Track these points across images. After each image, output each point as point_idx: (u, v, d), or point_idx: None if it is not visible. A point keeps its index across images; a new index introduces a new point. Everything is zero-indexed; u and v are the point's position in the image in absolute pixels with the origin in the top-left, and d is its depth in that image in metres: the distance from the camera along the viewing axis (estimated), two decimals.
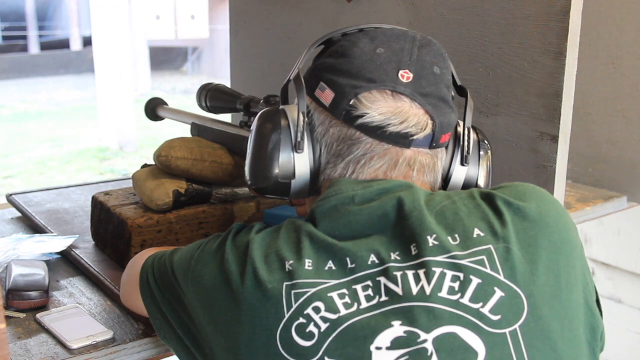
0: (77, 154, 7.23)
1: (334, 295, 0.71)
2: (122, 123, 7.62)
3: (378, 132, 0.79)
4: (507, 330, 0.68)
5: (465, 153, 0.88)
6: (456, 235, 0.73)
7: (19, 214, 1.48)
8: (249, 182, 0.87)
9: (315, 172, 0.84)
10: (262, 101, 1.18)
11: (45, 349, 0.93)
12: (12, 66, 11.04)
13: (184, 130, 1.38)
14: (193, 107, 1.42)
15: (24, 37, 11.81)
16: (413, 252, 0.72)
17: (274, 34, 1.71)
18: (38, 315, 1.00)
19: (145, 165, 1.27)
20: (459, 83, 0.90)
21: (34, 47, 11.95)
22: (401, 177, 0.81)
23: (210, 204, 1.22)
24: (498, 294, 0.69)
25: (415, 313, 0.68)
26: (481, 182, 0.90)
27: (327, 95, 0.82)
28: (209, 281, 0.77)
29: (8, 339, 0.86)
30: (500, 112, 1.18)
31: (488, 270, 0.70)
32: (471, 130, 0.90)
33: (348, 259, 0.73)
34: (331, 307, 0.70)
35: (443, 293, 0.69)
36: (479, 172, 0.90)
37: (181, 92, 10.34)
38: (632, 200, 1.68)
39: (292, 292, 0.71)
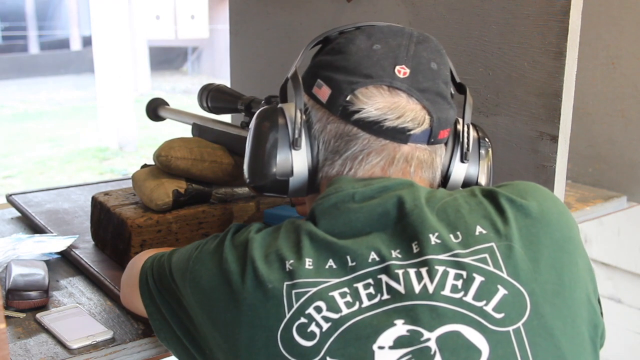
0: (77, 154, 7.23)
1: (335, 294, 0.70)
2: (122, 123, 7.62)
3: (375, 128, 0.79)
4: (510, 329, 0.68)
5: (465, 150, 0.87)
6: (458, 233, 0.73)
7: (19, 214, 1.48)
8: (248, 180, 0.87)
9: (314, 170, 0.84)
10: (263, 102, 1.18)
11: (45, 349, 0.93)
12: (12, 66, 11.03)
13: (184, 131, 1.38)
14: (193, 107, 1.42)
15: (24, 37, 11.81)
16: (415, 250, 0.72)
17: (274, 34, 1.71)
18: (38, 315, 1.00)
19: (145, 166, 1.27)
20: (457, 80, 0.89)
21: (34, 47, 11.95)
22: (399, 174, 0.81)
23: (210, 204, 1.22)
24: (501, 292, 0.69)
25: (419, 312, 0.68)
26: (482, 180, 0.90)
27: (324, 92, 0.82)
28: (208, 282, 0.76)
29: (8, 339, 0.86)
30: (500, 112, 1.18)
31: (491, 268, 0.70)
32: (471, 128, 0.89)
33: (348, 257, 0.72)
34: (333, 307, 0.69)
35: (446, 291, 0.69)
36: (479, 170, 0.90)
37: (181, 92, 10.34)
38: (632, 200, 1.68)
39: (293, 292, 0.70)
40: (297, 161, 0.83)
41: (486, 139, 0.92)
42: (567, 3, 1.05)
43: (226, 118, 1.50)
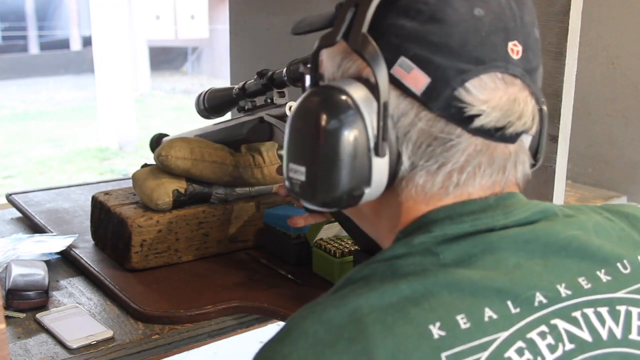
0: (77, 154, 7.23)
1: (512, 354, 0.53)
2: (122, 123, 7.63)
3: (496, 135, 0.60)
4: None
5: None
6: (625, 262, 0.61)
7: (19, 214, 1.48)
8: (313, 199, 0.63)
9: (392, 175, 0.62)
10: (255, 77, 1.17)
11: (45, 349, 0.93)
12: (12, 66, 11.03)
13: (184, 131, 1.38)
14: (193, 107, 1.41)
15: (24, 37, 11.81)
16: (585, 287, 0.58)
17: (274, 34, 1.71)
18: (38, 315, 1.00)
19: (145, 165, 1.27)
20: None
21: (34, 47, 11.95)
22: (509, 183, 0.64)
23: (210, 203, 1.22)
24: None
25: None
26: (540, 153, 0.72)
27: (416, 79, 0.59)
28: None
29: (8, 339, 0.86)
30: None
31: None
32: None
33: (510, 302, 0.55)
34: None
35: (634, 335, 0.58)
36: (540, 140, 0.71)
37: (181, 92, 10.34)
38: (632, 200, 1.68)
39: None
40: (377, 169, 0.61)
41: (545, 106, 0.73)
42: (567, 3, 1.05)
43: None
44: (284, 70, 1.10)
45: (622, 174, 1.69)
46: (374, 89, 0.60)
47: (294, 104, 1.14)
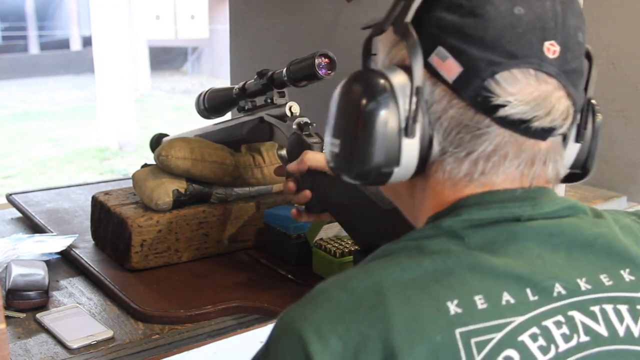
0: (77, 154, 7.24)
1: (525, 338, 0.55)
2: (122, 123, 7.63)
3: (521, 127, 0.62)
4: None
5: (582, 129, 0.70)
6: None
7: (19, 214, 1.48)
8: (345, 171, 0.67)
9: (423, 158, 0.65)
10: (255, 77, 1.18)
11: (45, 349, 0.93)
12: (12, 66, 11.04)
13: (184, 131, 1.38)
14: (193, 107, 1.42)
15: (24, 37, 11.81)
16: (606, 283, 0.60)
17: (274, 34, 1.71)
18: (38, 315, 1.00)
19: (145, 165, 1.27)
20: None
21: (34, 47, 11.96)
22: (538, 178, 0.66)
23: (210, 203, 1.22)
24: None
25: (625, 359, 0.58)
26: (591, 164, 0.76)
27: (449, 67, 0.62)
28: None
29: (8, 339, 0.86)
30: None
31: None
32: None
33: (528, 290, 0.58)
34: (527, 355, 0.55)
35: None
36: (591, 151, 0.74)
37: (181, 92, 10.34)
38: (632, 200, 1.68)
39: (472, 340, 0.54)
40: (407, 150, 0.64)
41: (599, 114, 0.75)
42: None
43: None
44: (284, 70, 1.10)
45: (622, 174, 1.68)
46: (411, 75, 0.63)
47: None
